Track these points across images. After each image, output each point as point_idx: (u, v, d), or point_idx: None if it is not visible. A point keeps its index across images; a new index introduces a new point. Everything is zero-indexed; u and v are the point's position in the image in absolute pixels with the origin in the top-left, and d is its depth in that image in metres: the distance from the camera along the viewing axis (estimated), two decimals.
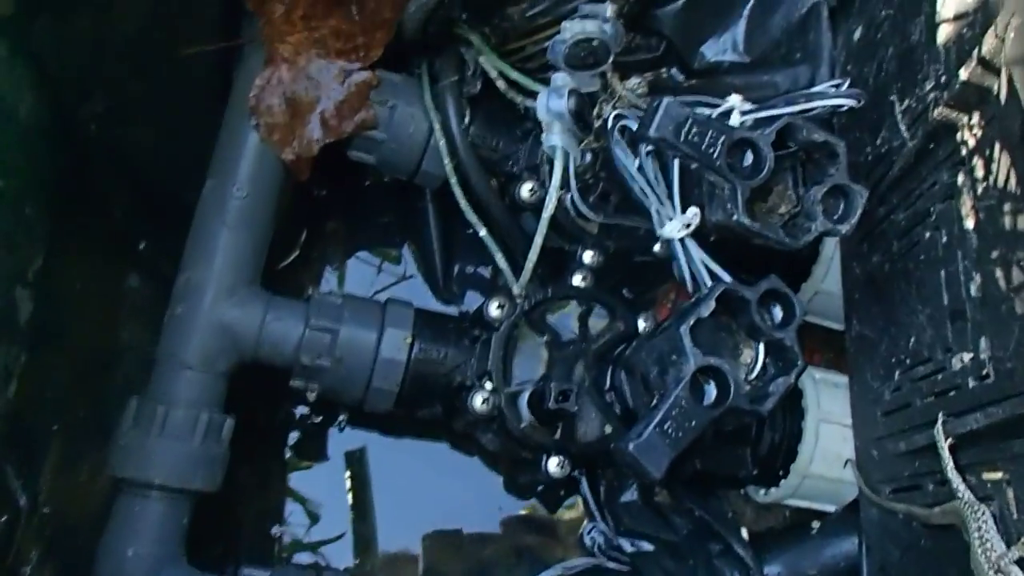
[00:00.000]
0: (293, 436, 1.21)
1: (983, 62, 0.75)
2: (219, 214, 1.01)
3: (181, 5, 1.04)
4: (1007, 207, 0.74)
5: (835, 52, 1.11)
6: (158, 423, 0.96)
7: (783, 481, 1.09)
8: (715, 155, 0.84)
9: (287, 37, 1.02)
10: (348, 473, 1.22)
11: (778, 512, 1.20)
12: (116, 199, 1.11)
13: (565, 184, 0.97)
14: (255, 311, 1.01)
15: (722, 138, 0.84)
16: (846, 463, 1.03)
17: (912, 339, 0.91)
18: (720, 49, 1.20)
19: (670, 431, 0.79)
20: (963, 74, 0.78)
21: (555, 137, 0.95)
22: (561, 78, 0.95)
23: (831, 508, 1.12)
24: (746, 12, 1.18)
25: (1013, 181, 0.74)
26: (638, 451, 0.79)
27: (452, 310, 1.23)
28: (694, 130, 0.83)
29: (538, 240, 0.97)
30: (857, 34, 1.07)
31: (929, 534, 0.86)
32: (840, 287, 1.09)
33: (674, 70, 1.23)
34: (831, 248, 1.11)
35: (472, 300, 1.23)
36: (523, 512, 1.23)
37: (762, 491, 1.13)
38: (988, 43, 0.74)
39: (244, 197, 1.01)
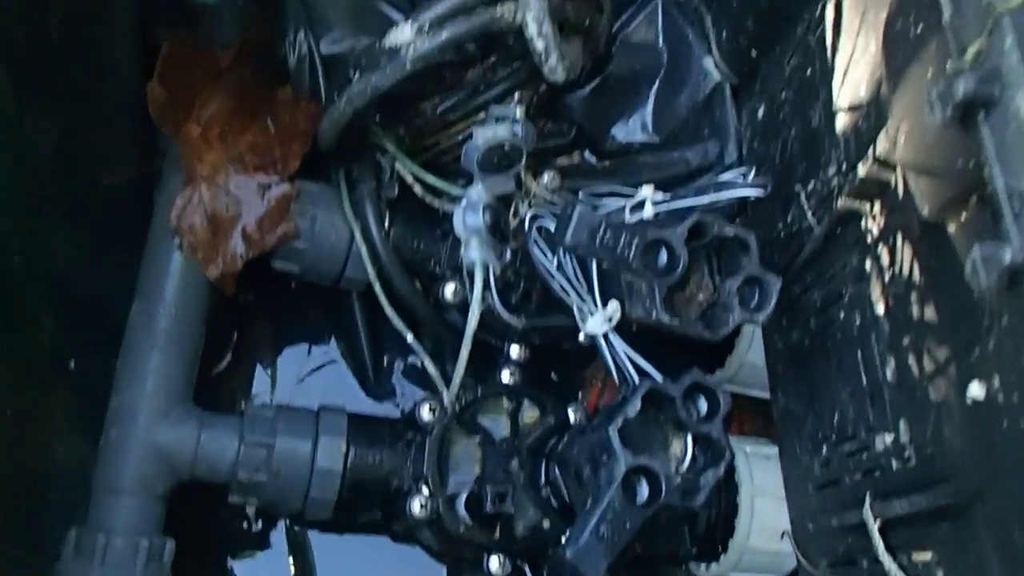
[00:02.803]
0: (236, 543, 1.20)
1: (879, 160, 0.77)
2: (148, 336, 1.02)
3: (94, 129, 1.05)
4: (913, 296, 0.77)
5: (741, 129, 1.14)
6: (99, 553, 0.96)
7: (723, 556, 1.10)
8: (630, 257, 0.86)
9: (205, 156, 1.03)
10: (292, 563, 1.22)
11: None
12: (44, 319, 1.10)
13: (492, 296, 1.00)
14: (189, 431, 1.01)
15: (636, 239, 0.86)
16: (783, 535, 1.05)
17: (837, 415, 0.93)
18: (630, 130, 1.23)
19: (605, 534, 0.81)
20: (861, 170, 0.80)
21: (473, 252, 0.96)
22: (476, 193, 0.97)
23: None
24: (652, 94, 1.21)
25: (916, 272, 0.76)
26: (576, 558, 0.80)
27: (387, 406, 1.23)
28: (608, 234, 0.86)
29: (463, 355, 0.99)
30: (760, 113, 1.09)
31: None
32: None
33: (587, 153, 1.26)
34: None
35: (405, 394, 1.24)
36: None
37: (703, 567, 1.15)
38: (882, 144, 0.76)
39: (171, 317, 1.02)
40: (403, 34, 0.92)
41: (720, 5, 1.15)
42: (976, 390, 0.66)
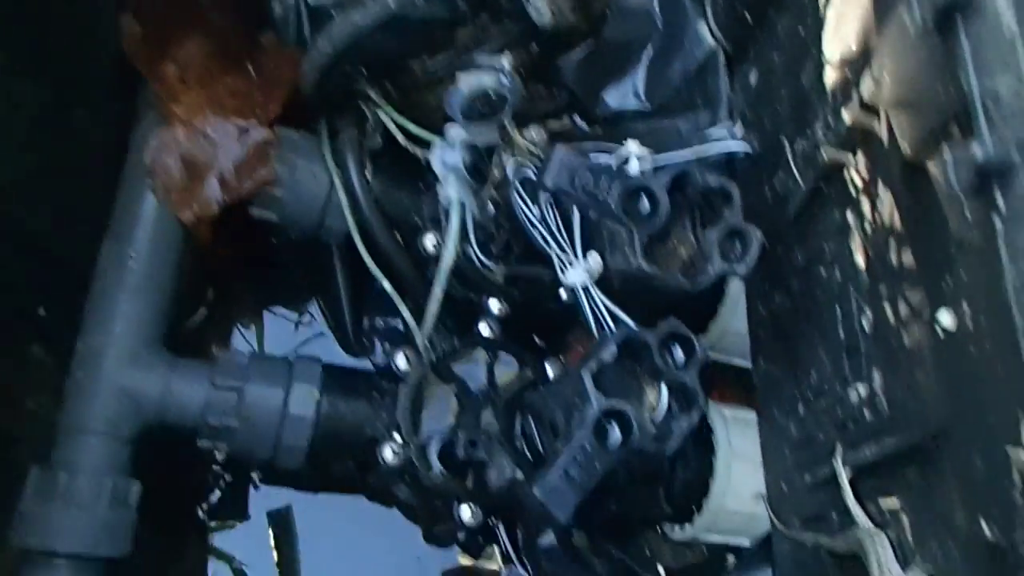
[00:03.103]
0: (214, 498, 1.20)
1: (863, 104, 0.77)
2: (117, 278, 1.01)
3: (75, 69, 1.04)
4: (892, 244, 0.76)
5: (733, 97, 1.13)
6: (61, 491, 0.94)
7: (697, 518, 1.09)
8: (611, 202, 0.85)
9: (182, 97, 1.02)
10: (272, 531, 1.21)
11: (696, 549, 1.20)
12: (14, 267, 1.09)
13: (465, 236, 0.98)
14: (158, 374, 1.00)
15: (617, 185, 0.85)
16: (757, 497, 1.04)
17: (814, 374, 0.93)
18: (622, 97, 1.21)
19: (575, 475, 0.80)
20: (845, 116, 0.80)
21: (451, 190, 0.96)
22: (455, 132, 0.96)
23: (747, 542, 1.13)
24: (645, 61, 1.20)
25: (896, 219, 0.76)
26: (544, 495, 0.80)
27: (364, 363, 1.22)
28: (588, 178, 0.85)
29: (436, 292, 0.98)
30: (753, 79, 1.09)
31: (836, 563, 0.87)
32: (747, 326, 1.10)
33: (578, 119, 1.25)
34: (737, 288, 1.13)
35: (385, 351, 1.23)
36: (444, 562, 1.22)
37: (678, 528, 1.14)
38: (866, 86, 0.76)
39: (142, 260, 1.01)
40: None
41: None
42: (946, 319, 0.65)
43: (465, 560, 1.23)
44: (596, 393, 0.83)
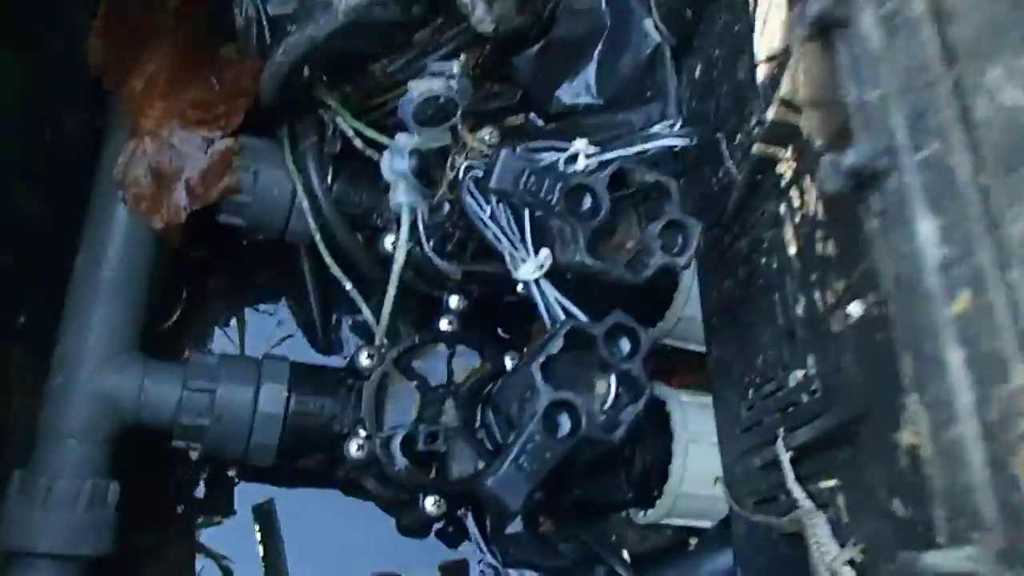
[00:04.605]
0: (198, 494, 1.24)
1: (784, 102, 0.81)
2: (92, 285, 1.05)
3: (54, 83, 1.08)
4: (819, 234, 0.80)
5: (681, 90, 1.17)
6: (41, 494, 0.98)
7: (658, 502, 1.13)
8: (553, 201, 0.89)
9: (148, 110, 1.06)
10: (257, 525, 1.25)
11: (660, 532, 1.24)
12: None
13: (418, 238, 1.03)
14: (133, 376, 1.03)
15: (559, 185, 0.89)
16: (715, 480, 1.08)
17: (760, 359, 0.96)
18: (575, 92, 1.25)
19: (525, 464, 0.84)
20: (770, 113, 0.83)
21: (400, 195, 1.00)
22: (403, 140, 1.00)
23: (708, 524, 1.17)
24: (596, 56, 1.23)
25: (820, 211, 0.79)
26: (496, 486, 0.83)
27: (335, 360, 1.26)
28: (532, 179, 0.88)
29: (390, 292, 1.02)
30: (697, 72, 1.13)
31: (785, 542, 0.90)
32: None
33: (534, 115, 1.29)
34: (690, 277, 1.17)
35: (353, 349, 1.26)
36: (418, 551, 1.26)
37: (641, 513, 1.18)
38: (785, 85, 0.80)
39: (116, 266, 1.05)
40: None
41: None
42: (855, 309, 0.69)
43: None
44: (544, 385, 0.86)
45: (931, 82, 0.56)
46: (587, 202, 0.91)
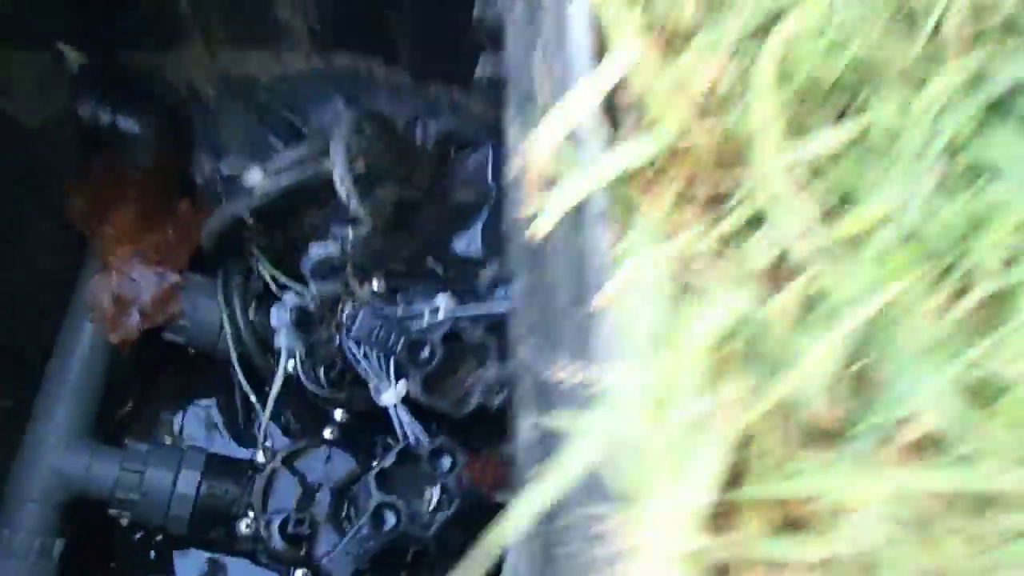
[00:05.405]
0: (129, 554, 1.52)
1: None
2: (59, 383, 1.35)
3: (37, 229, 1.39)
4: None
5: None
6: (4, 546, 1.28)
7: None
8: (398, 350, 1.19)
9: (116, 251, 1.37)
10: None
11: None
12: None
13: (299, 372, 1.33)
14: (83, 458, 1.32)
15: (402, 338, 1.19)
16: None
17: None
18: (467, 245, 1.55)
19: (352, 550, 1.13)
20: None
21: (281, 339, 1.30)
22: (288, 298, 1.30)
23: None
24: (484, 216, 1.53)
25: None
26: (329, 565, 1.13)
27: (252, 450, 1.55)
28: (382, 332, 1.19)
29: (265, 415, 1.33)
30: None
31: None
32: None
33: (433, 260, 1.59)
34: None
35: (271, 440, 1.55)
36: None
37: None
38: None
39: (79, 368, 1.36)
40: (254, 177, 1.26)
41: None
42: None
43: None
44: (376, 491, 1.16)
45: None
46: (426, 352, 1.21)
